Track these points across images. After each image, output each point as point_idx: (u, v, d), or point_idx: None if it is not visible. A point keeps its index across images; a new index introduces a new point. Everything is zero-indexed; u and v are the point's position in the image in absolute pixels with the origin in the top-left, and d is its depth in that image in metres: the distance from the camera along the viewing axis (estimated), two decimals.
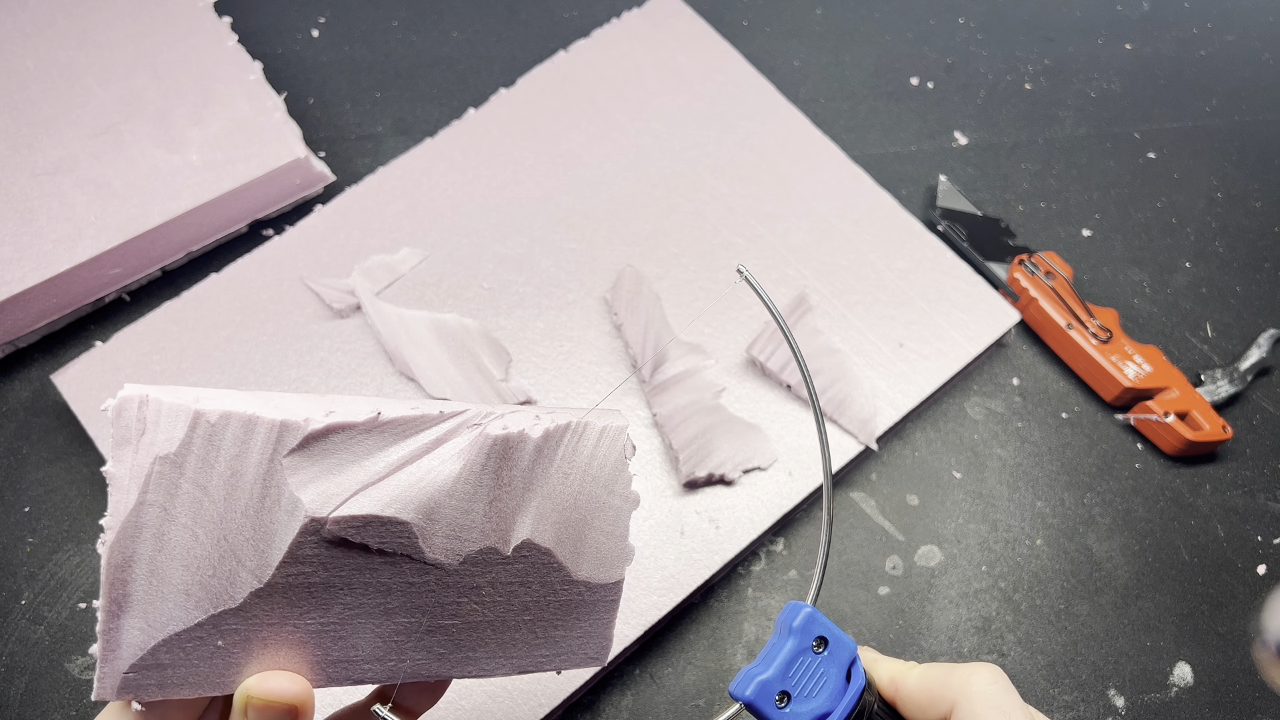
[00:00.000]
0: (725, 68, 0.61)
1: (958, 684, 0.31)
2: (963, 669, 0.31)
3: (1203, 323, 0.60)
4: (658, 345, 0.52)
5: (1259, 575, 0.53)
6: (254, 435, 0.29)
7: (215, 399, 0.29)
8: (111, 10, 0.59)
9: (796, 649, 0.31)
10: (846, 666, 0.32)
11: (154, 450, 0.28)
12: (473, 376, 0.51)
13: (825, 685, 0.32)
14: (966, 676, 0.31)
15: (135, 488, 0.28)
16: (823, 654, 0.32)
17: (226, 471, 0.28)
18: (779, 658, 0.31)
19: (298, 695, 0.28)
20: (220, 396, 0.29)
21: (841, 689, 0.32)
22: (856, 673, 0.32)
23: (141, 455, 0.28)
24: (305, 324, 0.52)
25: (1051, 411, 0.56)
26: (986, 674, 0.31)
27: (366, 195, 0.56)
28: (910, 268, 0.55)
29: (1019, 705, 0.30)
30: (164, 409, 0.28)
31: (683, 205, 0.56)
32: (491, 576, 0.32)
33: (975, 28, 0.69)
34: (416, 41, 0.66)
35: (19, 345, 0.53)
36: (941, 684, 0.31)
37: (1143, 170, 0.65)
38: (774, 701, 0.31)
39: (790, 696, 0.31)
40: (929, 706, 0.32)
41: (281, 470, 0.29)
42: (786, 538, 0.51)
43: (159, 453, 0.28)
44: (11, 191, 0.52)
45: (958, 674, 0.31)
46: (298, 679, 0.29)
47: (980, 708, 0.30)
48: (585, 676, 0.45)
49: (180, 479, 0.28)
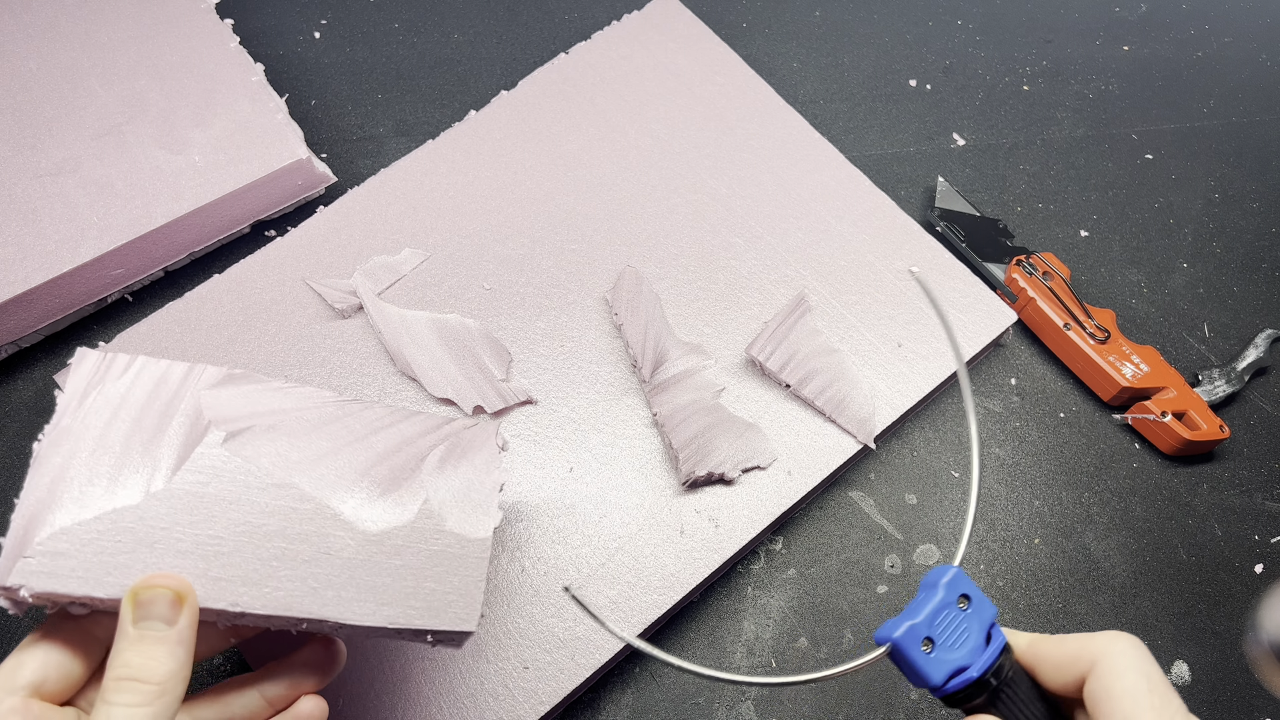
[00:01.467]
0: (724, 70, 0.61)
1: (1099, 646, 0.32)
2: (1102, 635, 0.32)
3: (1200, 323, 0.60)
4: (658, 345, 0.52)
5: (1256, 574, 0.53)
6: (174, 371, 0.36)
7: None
8: (114, 12, 0.59)
9: (943, 602, 0.33)
10: (987, 628, 0.33)
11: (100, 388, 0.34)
12: (474, 376, 0.51)
13: (967, 641, 0.33)
14: (1109, 639, 0.32)
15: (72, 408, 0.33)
16: (967, 611, 0.33)
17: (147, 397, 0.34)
18: (927, 607, 0.33)
19: (181, 582, 0.31)
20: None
21: (981, 647, 0.33)
22: (997, 633, 0.33)
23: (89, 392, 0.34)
24: (307, 324, 0.52)
25: (1049, 411, 0.56)
26: (1125, 640, 0.32)
27: (368, 196, 0.56)
28: (909, 268, 0.55)
29: (1157, 669, 0.31)
30: (115, 361, 0.35)
31: (682, 206, 0.57)
32: None
33: (973, 30, 0.70)
34: (418, 44, 0.66)
35: (22, 345, 0.54)
36: (1081, 645, 0.32)
37: (1140, 171, 0.65)
38: (919, 645, 0.33)
39: (934, 644, 0.33)
40: (1068, 666, 0.32)
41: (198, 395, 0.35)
42: (786, 536, 0.52)
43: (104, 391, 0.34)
44: (15, 192, 0.53)
45: (1099, 637, 0.32)
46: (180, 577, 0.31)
47: (1122, 663, 0.31)
48: (585, 675, 0.45)
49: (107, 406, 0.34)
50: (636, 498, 0.49)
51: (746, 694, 0.48)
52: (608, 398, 0.51)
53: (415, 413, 0.40)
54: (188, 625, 0.30)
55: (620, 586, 0.47)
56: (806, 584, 0.51)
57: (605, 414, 0.51)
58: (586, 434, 0.50)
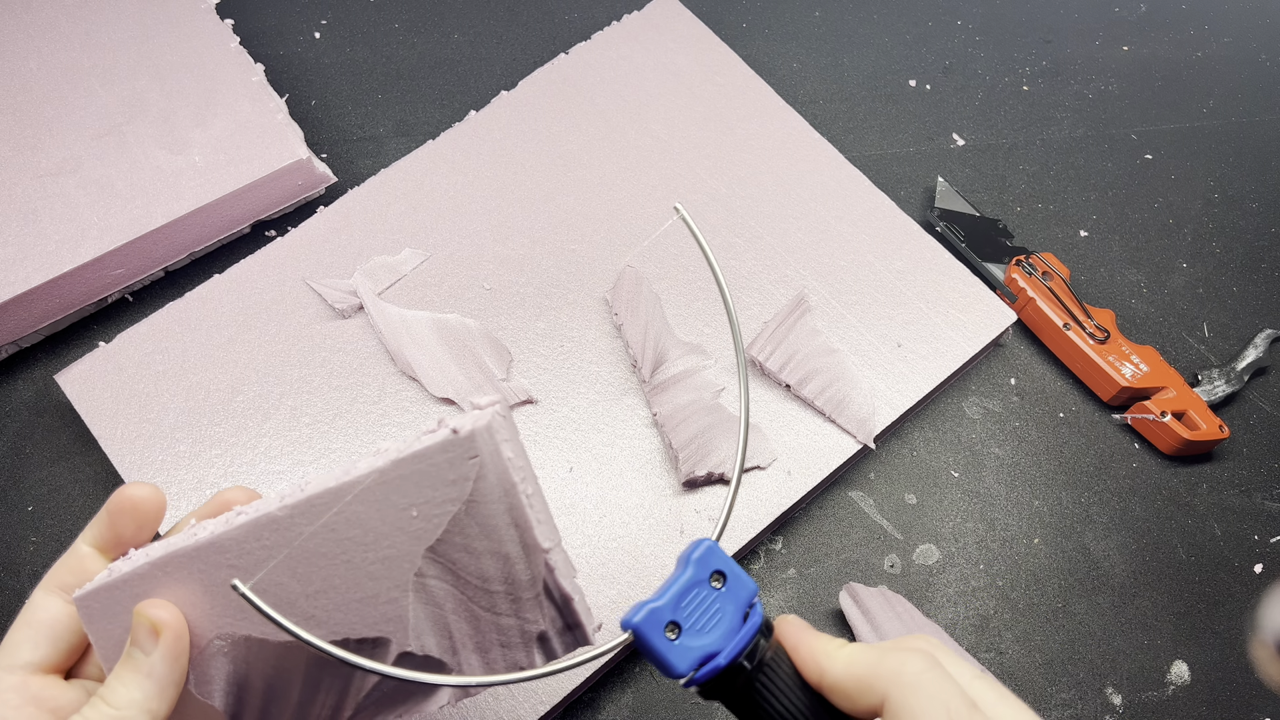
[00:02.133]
0: (724, 70, 0.61)
1: (888, 673, 0.28)
2: (893, 655, 0.28)
3: (1200, 323, 0.60)
4: (658, 345, 0.52)
5: (1256, 574, 0.53)
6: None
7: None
8: (114, 12, 0.59)
9: (692, 581, 0.30)
10: (745, 608, 0.30)
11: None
12: (474, 376, 0.51)
13: (720, 623, 0.30)
14: (898, 665, 0.28)
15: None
16: (720, 590, 0.30)
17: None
18: (673, 588, 0.30)
19: (165, 614, 0.30)
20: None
21: (736, 629, 0.30)
22: (754, 613, 0.30)
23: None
24: (308, 324, 0.52)
25: (1049, 411, 0.56)
26: (919, 661, 0.28)
27: (368, 196, 0.56)
28: (908, 268, 0.55)
29: (957, 693, 0.27)
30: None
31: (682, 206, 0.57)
32: None
33: (973, 30, 0.70)
34: (418, 44, 0.66)
35: (22, 345, 0.54)
36: (871, 672, 0.28)
37: (1140, 171, 0.65)
38: (662, 631, 0.30)
39: (681, 629, 0.30)
40: (857, 697, 0.28)
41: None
42: (785, 536, 0.52)
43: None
44: (15, 192, 0.53)
45: (887, 661, 0.28)
46: (170, 606, 0.31)
47: (917, 701, 0.27)
48: (585, 675, 0.45)
49: None
50: (636, 498, 0.49)
51: None
52: (608, 398, 0.51)
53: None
54: (160, 659, 0.30)
55: (620, 586, 0.47)
56: (806, 584, 0.51)
57: (605, 414, 0.51)
58: (586, 434, 0.50)
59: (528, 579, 0.32)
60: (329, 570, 0.32)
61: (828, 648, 0.30)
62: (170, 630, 0.30)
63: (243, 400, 0.50)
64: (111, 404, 0.50)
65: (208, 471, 0.49)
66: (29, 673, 0.31)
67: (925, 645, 0.29)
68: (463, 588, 0.32)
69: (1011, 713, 0.28)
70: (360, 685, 0.33)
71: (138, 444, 0.49)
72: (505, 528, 0.32)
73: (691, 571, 0.30)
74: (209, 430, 0.50)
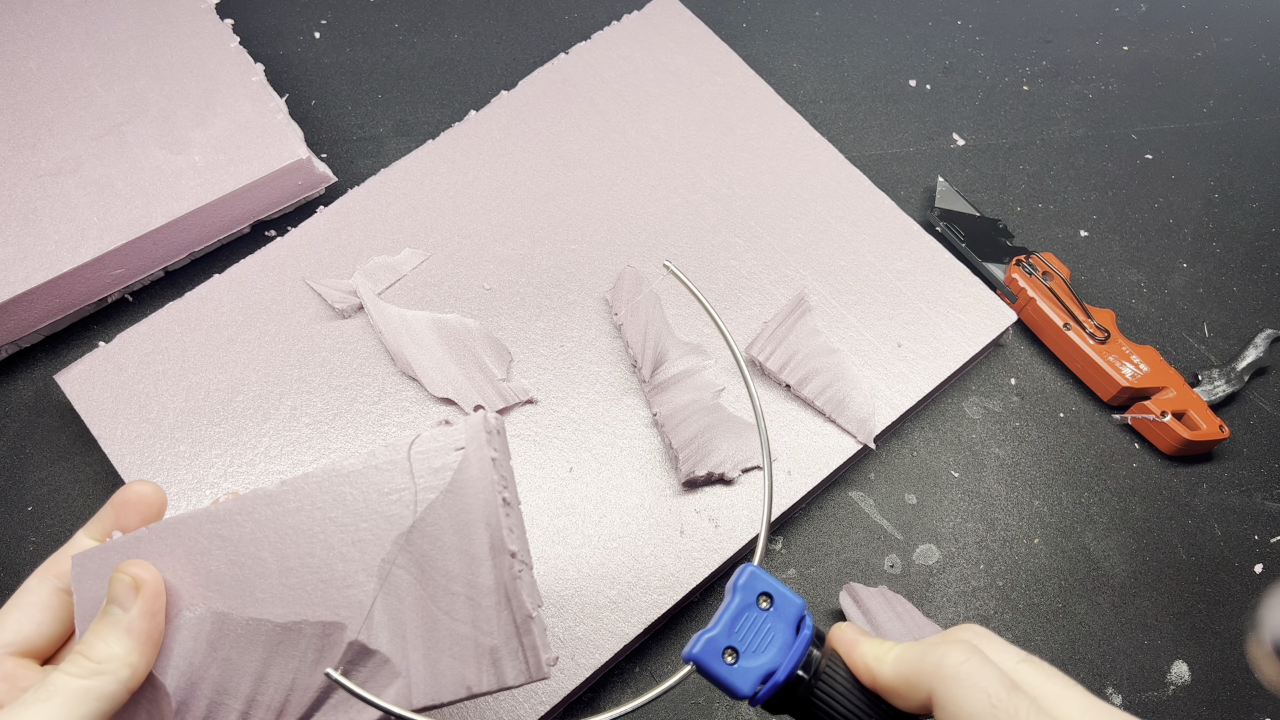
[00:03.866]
0: (724, 70, 0.61)
1: (931, 668, 0.29)
2: (935, 650, 0.29)
3: (1200, 323, 0.60)
4: (658, 345, 0.52)
5: (1256, 574, 0.53)
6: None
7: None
8: (114, 12, 0.59)
9: (741, 605, 0.31)
10: (795, 623, 0.32)
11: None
12: (474, 376, 0.51)
13: (774, 641, 0.31)
14: (939, 659, 0.29)
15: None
16: (769, 610, 0.32)
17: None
18: (725, 616, 0.31)
19: (144, 572, 0.32)
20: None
21: (789, 645, 0.31)
22: (805, 627, 0.32)
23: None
24: (307, 324, 0.52)
25: (1049, 411, 0.56)
26: (959, 653, 0.29)
27: (368, 196, 0.56)
28: (908, 268, 0.55)
29: (997, 678, 0.28)
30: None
31: (682, 206, 0.57)
32: None
33: (973, 30, 0.70)
34: (418, 44, 0.66)
35: (22, 345, 0.54)
36: (916, 669, 0.29)
37: (1140, 171, 0.65)
38: (721, 657, 0.31)
39: (739, 653, 0.31)
40: (909, 694, 0.30)
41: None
42: (786, 536, 0.52)
43: None
44: (15, 192, 0.53)
45: (930, 657, 0.29)
46: (150, 566, 0.32)
47: (959, 691, 0.28)
48: (585, 675, 0.45)
49: None
50: (636, 498, 0.49)
51: None
52: (608, 398, 0.51)
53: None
54: (138, 615, 0.31)
55: (620, 586, 0.47)
56: (806, 584, 0.51)
57: (605, 414, 0.51)
58: (586, 434, 0.50)
59: (490, 584, 0.33)
60: (306, 549, 0.33)
61: (877, 651, 0.31)
62: (149, 587, 0.32)
63: (243, 400, 0.50)
64: (111, 404, 0.50)
65: (208, 471, 0.49)
66: (6, 652, 0.32)
67: (969, 635, 0.30)
68: (426, 583, 0.33)
69: (1058, 690, 0.28)
70: (306, 686, 0.33)
71: (138, 444, 0.49)
72: (477, 525, 0.33)
73: (739, 597, 0.32)
74: (209, 430, 0.50)
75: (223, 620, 0.33)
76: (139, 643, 0.31)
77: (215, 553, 0.33)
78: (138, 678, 0.31)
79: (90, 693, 0.29)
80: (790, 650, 0.31)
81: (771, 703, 0.31)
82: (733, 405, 0.51)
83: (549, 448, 0.50)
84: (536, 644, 0.33)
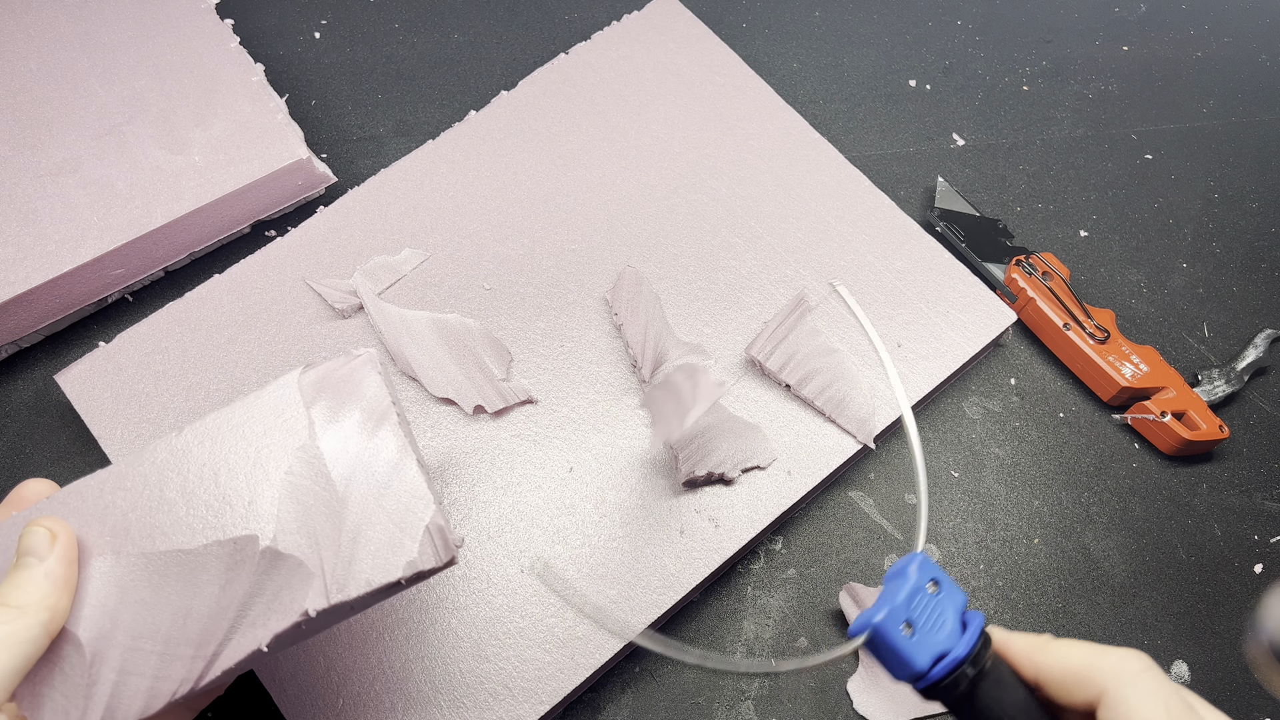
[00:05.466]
0: (724, 70, 0.61)
1: (1108, 669, 0.30)
2: (1112, 653, 0.30)
3: (1200, 323, 0.60)
4: (658, 345, 0.52)
5: (1256, 574, 0.53)
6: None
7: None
8: (114, 12, 0.59)
9: (915, 586, 0.32)
10: (960, 614, 0.32)
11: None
12: (474, 376, 0.51)
13: (944, 626, 0.32)
14: (1118, 661, 0.30)
15: None
16: (938, 595, 0.32)
17: None
18: (901, 593, 0.32)
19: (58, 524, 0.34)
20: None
21: (959, 632, 0.32)
22: (972, 618, 0.32)
23: None
24: (308, 324, 0.52)
25: (1049, 411, 0.56)
26: (1138, 661, 0.30)
27: (368, 196, 0.56)
28: (908, 268, 0.55)
29: (1176, 693, 0.29)
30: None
31: (682, 206, 0.57)
32: None
33: (973, 30, 0.70)
34: (418, 44, 0.66)
35: (22, 345, 0.54)
36: (1088, 666, 0.30)
37: (1140, 171, 0.65)
38: (900, 629, 0.31)
39: (914, 628, 0.32)
40: (1074, 688, 0.30)
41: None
42: (785, 536, 0.52)
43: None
44: (15, 192, 0.53)
45: (1108, 658, 0.30)
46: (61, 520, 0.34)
47: (1138, 697, 0.29)
48: (585, 675, 0.45)
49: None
50: (636, 498, 0.49)
51: (746, 694, 0.48)
52: (608, 398, 0.51)
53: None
54: (56, 561, 0.33)
55: (620, 586, 0.47)
56: (806, 584, 0.51)
57: (605, 414, 0.51)
58: (586, 434, 0.50)
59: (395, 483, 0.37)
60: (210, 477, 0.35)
61: (1037, 642, 0.32)
62: (65, 534, 0.33)
63: None
64: (111, 404, 0.50)
65: None
66: None
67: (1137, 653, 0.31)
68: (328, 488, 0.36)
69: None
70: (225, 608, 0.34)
71: (137, 444, 0.49)
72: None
73: (915, 578, 0.32)
74: None
75: (133, 562, 0.34)
76: (57, 586, 0.32)
77: (119, 502, 0.35)
78: (57, 622, 0.32)
79: (13, 638, 0.30)
80: (960, 637, 0.32)
81: (939, 685, 0.31)
82: (733, 405, 0.51)
83: (549, 448, 0.50)
84: (443, 529, 0.35)
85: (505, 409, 0.50)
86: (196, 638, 0.34)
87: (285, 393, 0.36)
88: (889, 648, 0.32)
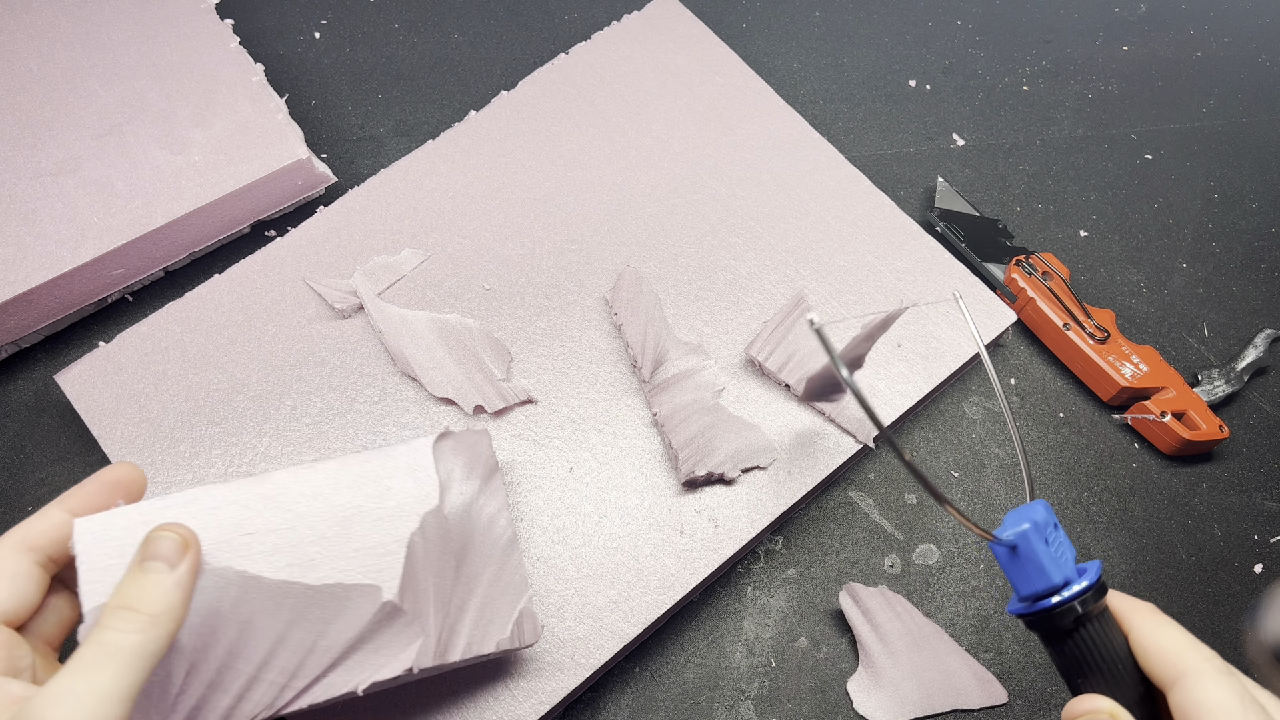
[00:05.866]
0: (724, 70, 0.61)
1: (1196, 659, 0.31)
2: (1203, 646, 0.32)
3: (1199, 323, 0.60)
4: (658, 345, 0.52)
5: (1256, 574, 0.53)
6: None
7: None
8: (114, 12, 0.59)
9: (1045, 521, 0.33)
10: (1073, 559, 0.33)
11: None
12: (474, 376, 0.51)
13: (1067, 560, 0.33)
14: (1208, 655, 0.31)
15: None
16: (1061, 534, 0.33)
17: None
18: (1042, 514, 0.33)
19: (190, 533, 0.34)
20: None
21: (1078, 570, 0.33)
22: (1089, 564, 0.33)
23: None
24: (308, 324, 0.52)
25: (1049, 411, 0.56)
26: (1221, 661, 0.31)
27: (368, 196, 0.56)
28: (908, 268, 0.55)
29: (1252, 697, 0.30)
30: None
31: (682, 206, 0.57)
32: None
33: (973, 30, 0.70)
34: (418, 44, 0.66)
35: (22, 345, 0.54)
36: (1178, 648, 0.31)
37: (1140, 171, 0.65)
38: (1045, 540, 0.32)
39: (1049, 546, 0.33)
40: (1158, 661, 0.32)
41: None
42: (785, 536, 0.52)
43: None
44: (15, 192, 0.53)
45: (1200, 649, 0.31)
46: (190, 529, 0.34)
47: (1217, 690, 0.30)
48: (585, 675, 0.45)
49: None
50: (636, 498, 0.49)
51: (746, 694, 0.48)
52: (608, 398, 0.51)
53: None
54: (187, 570, 0.33)
55: (620, 586, 0.47)
56: (806, 584, 0.51)
57: (605, 414, 0.51)
58: (586, 434, 0.50)
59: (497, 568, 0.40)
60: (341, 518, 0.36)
61: (1143, 607, 0.34)
62: (196, 544, 0.33)
63: (243, 400, 0.50)
64: (111, 404, 0.50)
65: (208, 471, 0.49)
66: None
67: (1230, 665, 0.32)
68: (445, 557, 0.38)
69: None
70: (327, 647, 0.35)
71: (138, 444, 0.49)
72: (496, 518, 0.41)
73: (1046, 515, 0.33)
74: (209, 430, 0.50)
75: (250, 582, 0.34)
76: (186, 597, 0.32)
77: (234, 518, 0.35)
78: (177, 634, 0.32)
79: (144, 649, 0.30)
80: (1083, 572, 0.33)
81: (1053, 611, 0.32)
82: (733, 405, 0.51)
83: (549, 448, 0.50)
84: (534, 614, 0.41)
85: (505, 409, 0.50)
86: (291, 667, 0.35)
87: (419, 455, 0.39)
88: (1032, 555, 0.32)
